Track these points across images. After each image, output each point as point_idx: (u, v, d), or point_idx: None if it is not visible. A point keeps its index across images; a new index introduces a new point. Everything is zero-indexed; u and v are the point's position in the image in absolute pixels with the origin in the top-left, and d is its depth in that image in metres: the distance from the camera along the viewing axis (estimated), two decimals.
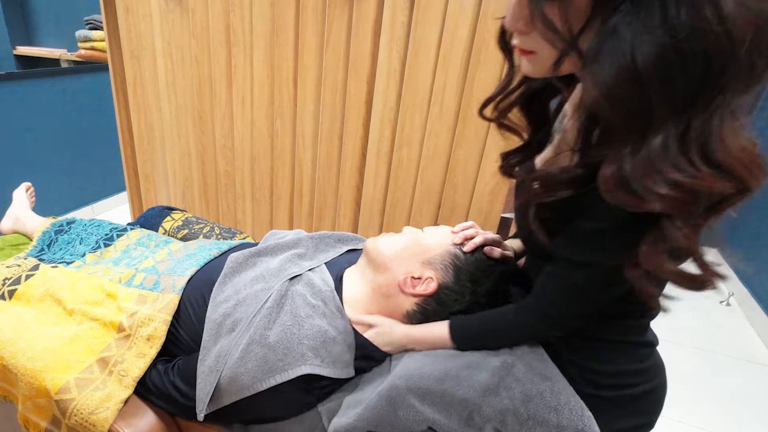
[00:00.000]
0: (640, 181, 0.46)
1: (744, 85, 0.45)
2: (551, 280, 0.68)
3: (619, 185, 0.48)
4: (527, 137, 0.75)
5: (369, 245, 0.88)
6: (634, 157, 0.47)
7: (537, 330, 0.73)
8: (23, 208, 1.33)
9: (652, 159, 0.46)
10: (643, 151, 0.46)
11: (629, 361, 0.72)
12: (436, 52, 1.37)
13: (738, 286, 2.37)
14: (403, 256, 0.85)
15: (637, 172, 0.46)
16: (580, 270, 0.62)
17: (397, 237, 0.88)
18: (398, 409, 0.69)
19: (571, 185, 0.56)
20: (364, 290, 0.86)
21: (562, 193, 0.57)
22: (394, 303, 0.84)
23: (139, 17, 1.73)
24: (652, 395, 0.74)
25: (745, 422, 1.64)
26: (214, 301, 0.85)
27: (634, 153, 0.47)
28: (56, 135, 2.46)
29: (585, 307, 0.66)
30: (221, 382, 0.74)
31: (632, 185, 0.47)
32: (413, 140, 1.50)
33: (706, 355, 1.97)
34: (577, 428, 0.66)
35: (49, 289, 0.95)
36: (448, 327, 0.78)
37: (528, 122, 0.73)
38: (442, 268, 0.83)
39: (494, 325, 0.76)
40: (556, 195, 0.58)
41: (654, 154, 0.46)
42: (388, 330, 0.82)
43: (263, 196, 1.85)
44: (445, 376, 0.71)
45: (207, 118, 1.80)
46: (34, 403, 0.82)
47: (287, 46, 1.56)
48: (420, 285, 0.82)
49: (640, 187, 0.46)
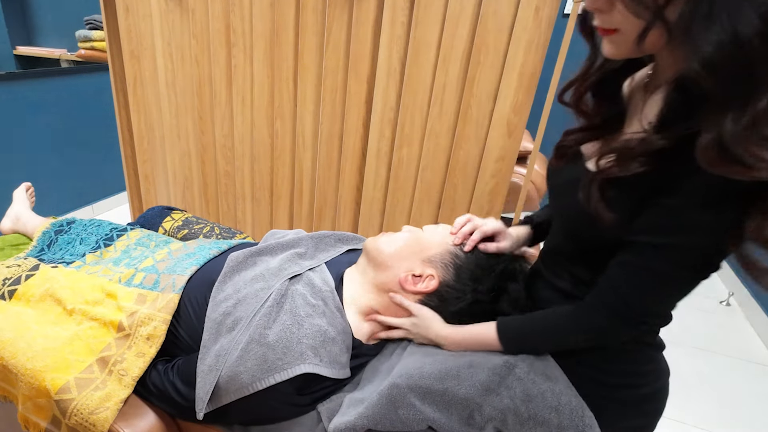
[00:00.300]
0: (746, 148, 0.45)
1: None
2: (623, 270, 0.61)
3: (721, 155, 0.46)
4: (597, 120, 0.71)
5: (369, 245, 0.89)
6: (737, 124, 0.45)
7: (604, 331, 0.65)
8: (23, 208, 1.33)
9: (757, 124, 0.45)
10: (746, 118, 0.45)
11: (640, 361, 0.72)
12: (436, 52, 1.37)
13: (738, 286, 2.37)
14: (403, 254, 0.85)
15: (742, 138, 0.45)
16: (662, 255, 0.57)
17: (397, 236, 0.88)
18: (399, 408, 0.69)
19: (649, 159, 0.55)
20: (366, 288, 0.87)
21: (636, 167, 0.55)
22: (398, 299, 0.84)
23: (139, 17, 1.73)
24: (656, 396, 0.74)
25: (745, 422, 1.64)
26: (214, 300, 0.85)
27: (736, 120, 0.45)
28: (56, 135, 2.46)
29: (664, 301, 0.61)
30: (221, 381, 0.74)
31: (736, 153, 0.45)
32: (413, 140, 1.50)
33: (706, 355, 1.97)
34: (578, 428, 0.66)
35: (49, 289, 0.95)
36: (495, 329, 0.75)
37: (599, 105, 0.70)
38: (442, 266, 0.83)
39: (550, 326, 0.71)
40: (631, 169, 0.56)
41: (759, 119, 0.44)
42: (425, 325, 0.80)
43: (263, 196, 1.85)
44: (445, 375, 0.71)
45: (207, 118, 1.80)
46: (34, 403, 0.82)
47: (287, 46, 1.56)
48: (421, 283, 0.83)
49: (746, 155, 0.45)
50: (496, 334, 0.75)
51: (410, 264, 0.84)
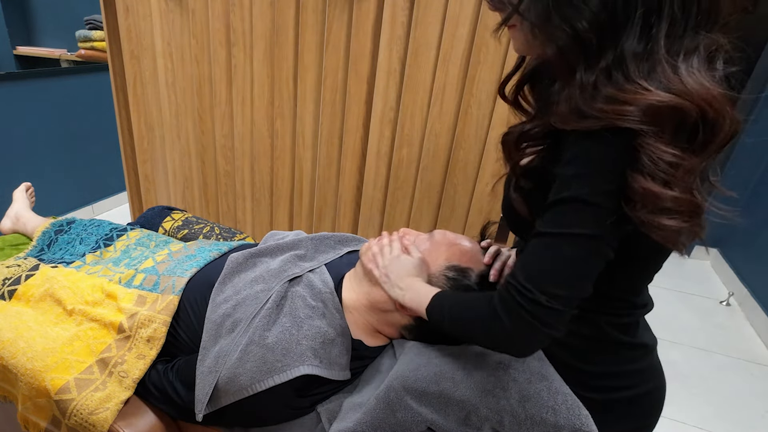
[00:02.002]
0: (591, 105, 0.52)
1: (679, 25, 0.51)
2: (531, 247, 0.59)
3: (573, 113, 0.54)
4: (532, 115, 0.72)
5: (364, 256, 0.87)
6: (584, 89, 0.54)
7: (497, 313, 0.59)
8: (23, 208, 1.33)
9: (597, 85, 0.53)
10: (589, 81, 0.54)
11: (619, 362, 0.70)
12: (436, 52, 1.37)
13: (738, 286, 2.37)
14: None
15: (587, 98, 0.53)
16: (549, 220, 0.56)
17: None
18: (396, 412, 0.69)
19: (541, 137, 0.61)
20: (361, 302, 0.86)
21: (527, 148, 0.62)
22: (391, 318, 0.84)
23: (139, 17, 1.73)
24: (646, 399, 0.72)
25: (745, 422, 1.64)
26: (213, 302, 0.85)
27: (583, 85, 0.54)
28: (56, 135, 2.46)
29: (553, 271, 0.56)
30: (220, 382, 0.74)
31: (582, 107, 0.53)
32: (413, 140, 1.50)
33: (706, 355, 1.97)
34: (574, 427, 0.66)
35: (49, 289, 0.95)
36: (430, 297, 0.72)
37: (534, 99, 0.73)
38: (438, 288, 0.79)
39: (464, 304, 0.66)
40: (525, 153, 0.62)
41: (599, 81, 0.53)
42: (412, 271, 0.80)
43: (263, 196, 1.85)
44: (441, 377, 0.71)
45: (207, 118, 1.80)
46: (34, 403, 0.82)
47: (287, 46, 1.56)
48: None
49: (589, 108, 0.52)
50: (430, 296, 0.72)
51: None
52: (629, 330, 0.70)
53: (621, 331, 0.69)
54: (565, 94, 0.56)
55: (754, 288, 2.27)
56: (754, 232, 2.37)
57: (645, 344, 0.72)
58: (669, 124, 0.51)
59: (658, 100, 0.49)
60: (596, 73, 0.54)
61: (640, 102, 0.50)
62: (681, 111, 0.50)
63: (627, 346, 0.70)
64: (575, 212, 0.55)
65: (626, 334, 0.70)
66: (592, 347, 0.70)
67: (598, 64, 0.54)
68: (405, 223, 1.63)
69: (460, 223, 1.55)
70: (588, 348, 0.71)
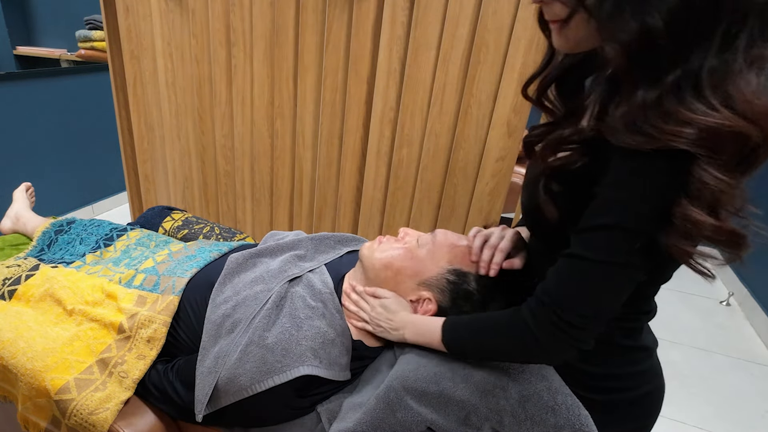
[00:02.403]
0: (650, 122, 0.47)
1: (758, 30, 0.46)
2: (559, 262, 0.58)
3: (628, 126, 0.49)
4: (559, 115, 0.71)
5: (365, 256, 0.86)
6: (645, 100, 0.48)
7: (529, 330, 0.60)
8: (23, 208, 1.33)
9: (662, 99, 0.47)
10: (652, 94, 0.48)
11: (622, 364, 0.70)
12: (436, 52, 1.37)
13: (738, 286, 2.37)
14: (398, 279, 0.83)
15: (648, 112, 0.48)
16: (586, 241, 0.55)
17: (393, 252, 0.84)
18: (396, 412, 0.69)
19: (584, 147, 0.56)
20: None
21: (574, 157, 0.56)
22: None
23: (139, 17, 1.73)
24: (645, 401, 0.72)
25: (745, 422, 1.64)
26: (213, 302, 0.85)
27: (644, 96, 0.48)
28: (56, 135, 2.46)
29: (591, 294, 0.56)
30: (220, 383, 0.74)
31: (640, 124, 0.48)
32: (413, 140, 1.50)
33: (706, 355, 1.97)
34: (574, 427, 0.66)
35: (49, 289, 0.95)
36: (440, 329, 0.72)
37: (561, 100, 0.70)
38: (439, 290, 0.81)
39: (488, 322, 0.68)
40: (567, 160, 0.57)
41: (665, 94, 0.47)
42: (395, 308, 0.80)
43: (263, 196, 1.85)
44: (441, 377, 0.71)
45: (207, 118, 1.80)
46: (33, 404, 0.82)
47: (287, 46, 1.56)
48: (420, 307, 0.81)
49: (649, 127, 0.47)
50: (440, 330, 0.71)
51: (406, 288, 0.82)
52: (634, 334, 0.71)
53: (626, 335, 0.70)
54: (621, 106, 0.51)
55: (754, 288, 2.27)
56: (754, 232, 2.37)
57: (647, 347, 0.73)
58: (729, 149, 0.47)
59: (725, 124, 0.45)
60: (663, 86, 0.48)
61: (704, 124, 0.46)
62: (745, 137, 0.46)
63: (630, 349, 0.71)
64: (616, 240, 0.53)
65: (631, 338, 0.70)
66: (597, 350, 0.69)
67: (667, 75, 0.48)
68: (405, 223, 1.63)
69: (460, 223, 1.55)
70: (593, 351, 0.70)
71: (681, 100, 0.47)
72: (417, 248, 0.83)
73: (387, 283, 0.83)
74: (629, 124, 0.49)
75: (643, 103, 0.48)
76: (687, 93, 0.47)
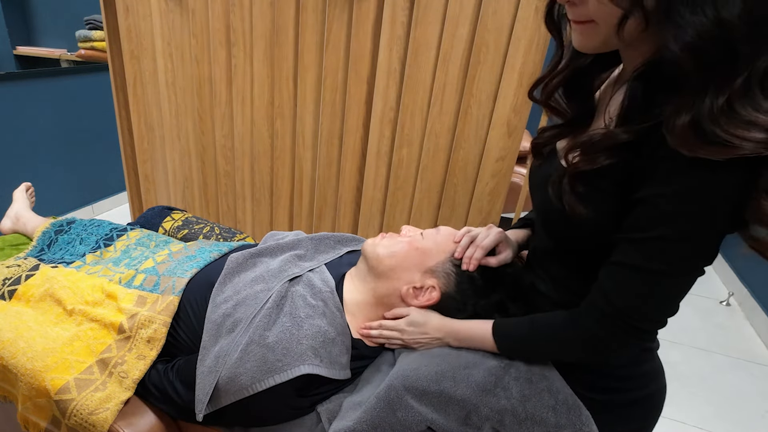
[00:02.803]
0: (722, 128, 0.45)
1: None
2: (608, 271, 0.59)
3: (699, 136, 0.46)
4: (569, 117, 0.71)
5: (368, 251, 0.87)
6: (714, 105, 0.45)
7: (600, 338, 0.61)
8: (23, 208, 1.33)
9: (732, 104, 0.45)
10: (722, 98, 0.45)
11: (624, 364, 0.71)
12: (436, 52, 1.37)
13: (738, 286, 2.37)
14: (403, 266, 0.83)
15: (718, 118, 0.45)
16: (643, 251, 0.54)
17: (397, 244, 0.86)
18: (397, 411, 0.69)
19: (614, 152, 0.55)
20: (366, 298, 0.86)
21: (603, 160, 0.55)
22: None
23: (139, 17, 1.73)
24: (646, 401, 0.72)
25: (745, 422, 1.64)
26: (213, 302, 0.85)
27: (713, 101, 0.46)
28: (56, 135, 2.46)
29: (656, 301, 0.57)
30: (220, 382, 0.74)
31: (713, 133, 0.45)
32: (413, 140, 1.50)
33: (706, 355, 1.97)
34: (575, 427, 0.66)
35: (49, 289, 0.95)
36: (491, 328, 0.73)
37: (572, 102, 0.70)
38: (444, 276, 0.82)
39: (544, 333, 0.68)
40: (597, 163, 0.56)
41: (735, 99, 0.45)
42: (423, 321, 0.79)
43: (263, 196, 1.85)
44: (441, 376, 0.71)
45: (207, 118, 1.80)
46: (33, 404, 0.82)
47: (287, 46, 1.56)
48: (422, 295, 0.82)
49: (723, 134, 0.45)
50: (492, 337, 0.73)
51: (411, 275, 0.83)
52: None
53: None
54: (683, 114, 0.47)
55: (754, 288, 2.27)
56: None
57: (649, 348, 0.73)
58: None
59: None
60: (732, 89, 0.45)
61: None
62: None
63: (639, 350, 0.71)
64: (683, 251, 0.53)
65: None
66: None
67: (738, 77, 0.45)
68: (405, 223, 1.63)
69: (460, 223, 1.55)
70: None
71: (752, 103, 0.45)
72: (421, 239, 0.85)
73: (391, 273, 0.83)
74: (699, 133, 0.46)
75: (711, 110, 0.45)
76: (757, 94, 0.45)
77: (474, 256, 0.80)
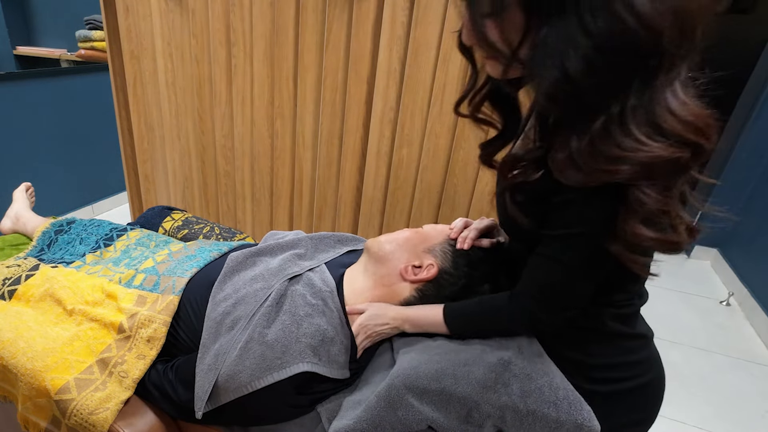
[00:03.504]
0: (587, 162, 0.53)
1: (675, 65, 0.51)
2: (534, 260, 0.69)
3: (570, 166, 0.55)
4: (500, 127, 0.79)
5: (370, 243, 0.90)
6: (580, 143, 0.53)
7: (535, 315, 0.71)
8: (23, 208, 1.33)
9: (594, 141, 0.52)
10: (586, 137, 0.53)
11: (620, 353, 0.72)
12: (436, 52, 1.37)
13: (738, 286, 2.37)
14: (404, 247, 0.88)
15: (585, 154, 0.53)
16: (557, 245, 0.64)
17: (397, 233, 0.91)
18: (397, 410, 0.69)
19: (536, 164, 0.62)
20: (366, 283, 0.88)
21: (532, 173, 0.62)
22: (394, 291, 0.85)
23: (139, 17, 1.73)
24: (647, 389, 0.74)
25: (745, 422, 1.64)
26: (213, 300, 0.85)
27: (579, 140, 0.54)
28: (56, 135, 2.46)
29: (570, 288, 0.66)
30: (219, 380, 0.74)
31: (581, 166, 0.54)
32: (413, 140, 1.50)
33: (706, 355, 1.97)
34: (576, 422, 0.67)
35: (49, 289, 0.95)
36: (442, 310, 0.79)
37: (499, 114, 0.77)
38: (441, 254, 0.86)
39: (488, 310, 0.77)
40: (529, 176, 0.62)
41: (596, 137, 0.52)
42: (381, 312, 0.83)
43: (263, 196, 1.85)
44: (441, 374, 0.71)
45: (207, 118, 1.80)
46: (33, 403, 0.82)
47: (287, 46, 1.56)
48: (421, 272, 0.84)
49: (587, 167, 0.53)
50: (442, 317, 0.78)
51: (410, 255, 0.87)
52: (628, 321, 0.73)
53: (621, 321, 0.72)
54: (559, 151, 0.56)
55: (754, 288, 2.27)
56: (754, 232, 2.37)
57: (644, 335, 0.74)
58: (662, 173, 0.52)
59: (656, 156, 0.50)
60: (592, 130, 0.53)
61: (635, 159, 0.51)
62: (676, 161, 0.51)
63: (626, 337, 0.73)
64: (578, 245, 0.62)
65: (626, 325, 0.72)
66: (591, 338, 0.73)
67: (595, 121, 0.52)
68: (405, 223, 1.63)
69: None
70: (587, 339, 0.73)
71: (611, 140, 0.52)
72: (421, 229, 0.92)
73: (391, 256, 0.87)
74: (570, 165, 0.55)
75: (578, 148, 0.53)
76: (616, 133, 0.51)
77: (469, 237, 0.86)
